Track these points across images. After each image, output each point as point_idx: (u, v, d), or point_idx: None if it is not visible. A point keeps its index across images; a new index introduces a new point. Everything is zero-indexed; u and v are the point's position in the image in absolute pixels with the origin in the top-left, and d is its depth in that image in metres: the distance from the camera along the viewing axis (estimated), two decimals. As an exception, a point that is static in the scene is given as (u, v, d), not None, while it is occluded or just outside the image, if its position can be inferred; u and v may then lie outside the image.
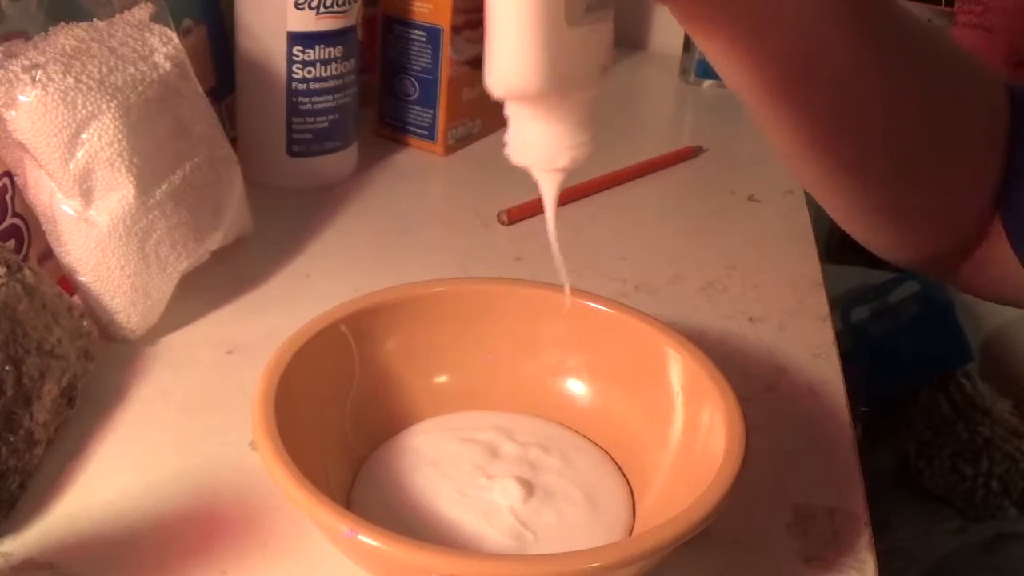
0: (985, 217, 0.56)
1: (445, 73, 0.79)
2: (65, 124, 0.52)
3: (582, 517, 0.44)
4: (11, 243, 0.54)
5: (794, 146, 0.54)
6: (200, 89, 0.61)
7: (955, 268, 0.60)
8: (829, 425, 0.54)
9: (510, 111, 0.35)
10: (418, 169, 0.81)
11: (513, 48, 0.32)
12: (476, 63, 0.37)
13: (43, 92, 0.51)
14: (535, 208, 0.71)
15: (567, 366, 0.50)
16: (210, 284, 0.61)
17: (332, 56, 0.72)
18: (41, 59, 0.52)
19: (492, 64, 0.33)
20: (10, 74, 0.51)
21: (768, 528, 0.47)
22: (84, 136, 0.52)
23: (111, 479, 0.47)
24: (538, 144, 0.35)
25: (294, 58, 0.71)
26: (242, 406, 0.43)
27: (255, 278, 0.63)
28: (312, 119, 0.73)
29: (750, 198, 0.57)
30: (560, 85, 0.33)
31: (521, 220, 0.71)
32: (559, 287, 0.46)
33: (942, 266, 0.60)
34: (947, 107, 0.54)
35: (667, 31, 1.14)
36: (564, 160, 0.35)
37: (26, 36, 0.55)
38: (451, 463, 0.46)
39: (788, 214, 0.77)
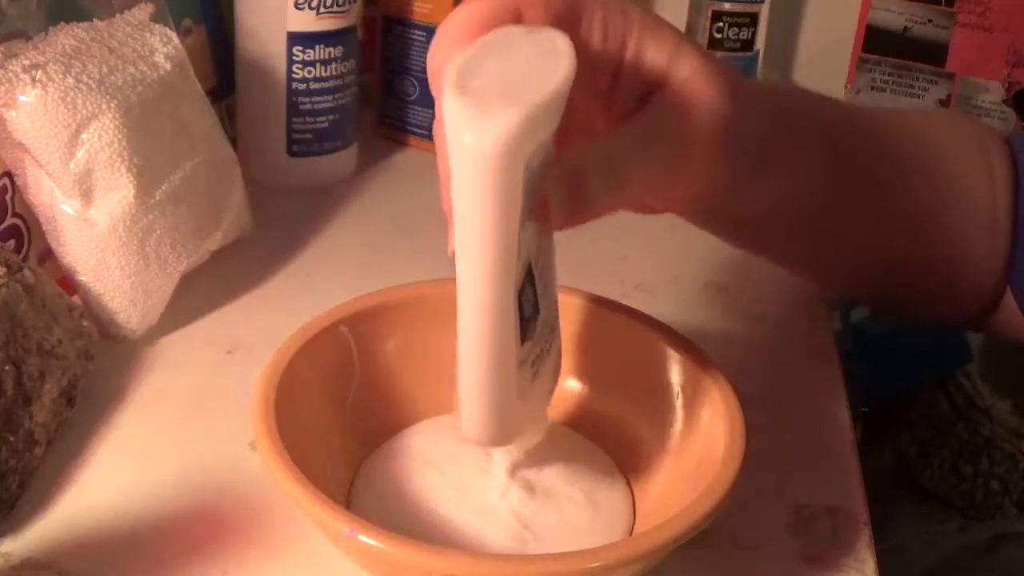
0: (998, 289, 0.56)
1: (445, 73, 0.79)
2: (65, 124, 0.52)
3: (582, 517, 0.44)
4: (11, 243, 0.54)
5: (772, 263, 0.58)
6: (200, 89, 0.61)
7: (974, 325, 0.60)
8: (829, 425, 0.54)
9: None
10: (418, 169, 0.80)
11: (472, 415, 0.40)
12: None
13: (43, 92, 0.51)
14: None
15: (567, 366, 0.50)
16: (210, 284, 0.61)
17: (332, 56, 0.72)
18: (41, 59, 0.52)
19: (459, 415, 0.40)
20: (10, 74, 0.51)
21: (768, 528, 0.47)
22: (84, 136, 0.52)
23: (111, 479, 0.47)
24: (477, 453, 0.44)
25: (294, 58, 0.71)
26: (242, 406, 0.43)
27: (255, 278, 0.63)
28: (312, 119, 0.73)
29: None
30: (508, 440, 0.42)
31: (521, 220, 0.71)
32: (559, 287, 0.46)
33: (960, 325, 0.61)
34: (934, 218, 0.54)
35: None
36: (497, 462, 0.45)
37: (26, 36, 0.55)
38: (451, 463, 0.46)
39: (788, 214, 0.76)
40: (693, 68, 0.41)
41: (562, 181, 0.39)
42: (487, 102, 0.34)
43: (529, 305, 0.40)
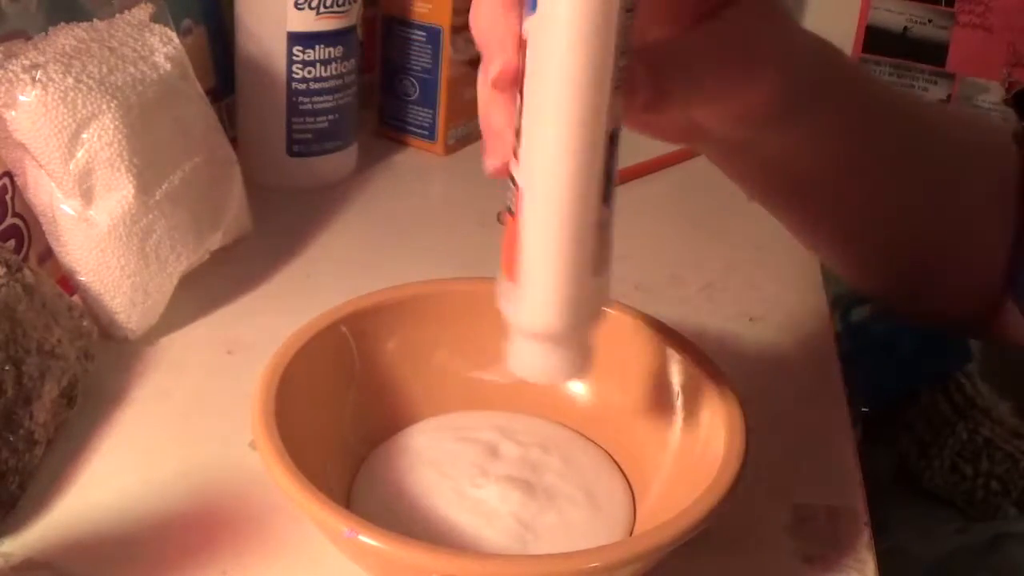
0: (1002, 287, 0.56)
1: (445, 73, 0.79)
2: (65, 124, 0.52)
3: (582, 517, 0.44)
4: (11, 243, 0.54)
5: (788, 229, 0.57)
6: (200, 89, 0.61)
7: (976, 330, 0.60)
8: (829, 425, 0.54)
9: (519, 339, 0.38)
10: (418, 169, 0.80)
11: (547, 295, 0.35)
12: (476, 63, 0.38)
13: (43, 92, 0.51)
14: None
15: (567, 366, 0.50)
16: (210, 284, 0.61)
17: (332, 56, 0.72)
18: (41, 59, 0.52)
19: (523, 302, 0.36)
20: (10, 74, 0.51)
21: (768, 528, 0.47)
22: (84, 136, 0.52)
23: (111, 479, 0.47)
24: (541, 366, 0.38)
25: (294, 58, 0.71)
26: (242, 406, 0.43)
27: (255, 278, 0.63)
28: (312, 119, 0.73)
29: (750, 198, 0.57)
30: (578, 326, 0.37)
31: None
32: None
33: (964, 327, 0.61)
34: (950, 201, 0.54)
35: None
36: (557, 380, 0.40)
37: (26, 36, 0.55)
38: (451, 463, 0.46)
39: (788, 214, 0.76)
40: None
41: (641, 69, 0.38)
42: None
43: (612, 165, 0.36)
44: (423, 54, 0.80)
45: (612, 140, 0.36)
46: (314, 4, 0.70)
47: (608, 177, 0.36)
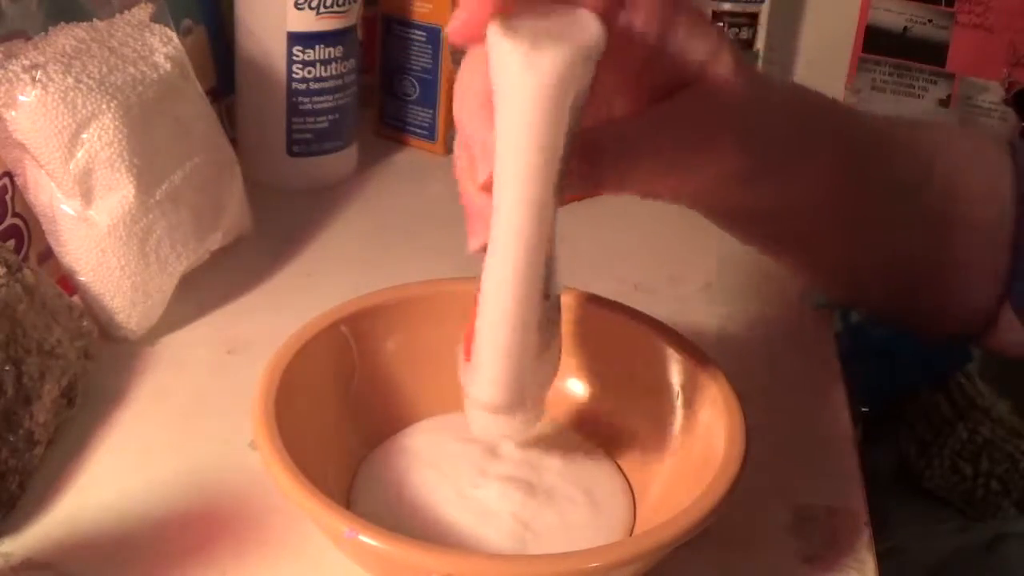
0: (999, 297, 0.56)
1: (445, 73, 0.79)
2: (65, 124, 0.52)
3: (582, 517, 0.44)
4: (11, 243, 0.54)
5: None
6: (200, 89, 0.61)
7: (975, 342, 0.60)
8: (829, 425, 0.54)
9: (470, 408, 0.42)
10: (418, 169, 0.80)
11: (490, 374, 0.40)
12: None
13: (43, 92, 0.51)
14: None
15: (567, 366, 0.50)
16: (210, 284, 0.61)
17: (332, 56, 0.72)
18: (41, 59, 0.52)
19: (473, 380, 0.41)
20: (10, 74, 0.51)
21: (768, 528, 0.47)
22: (84, 136, 0.52)
23: (111, 479, 0.47)
24: (492, 428, 0.43)
25: (294, 58, 0.71)
26: (242, 406, 0.43)
27: (255, 278, 0.63)
28: (312, 119, 0.73)
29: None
30: (520, 400, 0.41)
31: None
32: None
33: (960, 341, 0.61)
34: (941, 226, 0.54)
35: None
36: (507, 438, 0.46)
37: (26, 36, 0.55)
38: (451, 463, 0.46)
39: (788, 214, 0.76)
40: (731, 68, 0.42)
41: (578, 153, 0.39)
42: (536, 41, 0.36)
43: (551, 265, 0.40)
44: (423, 54, 0.80)
45: (551, 245, 0.40)
46: (314, 4, 0.70)
47: (549, 275, 0.40)
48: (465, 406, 0.42)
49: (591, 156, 0.40)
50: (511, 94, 0.36)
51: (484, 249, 0.40)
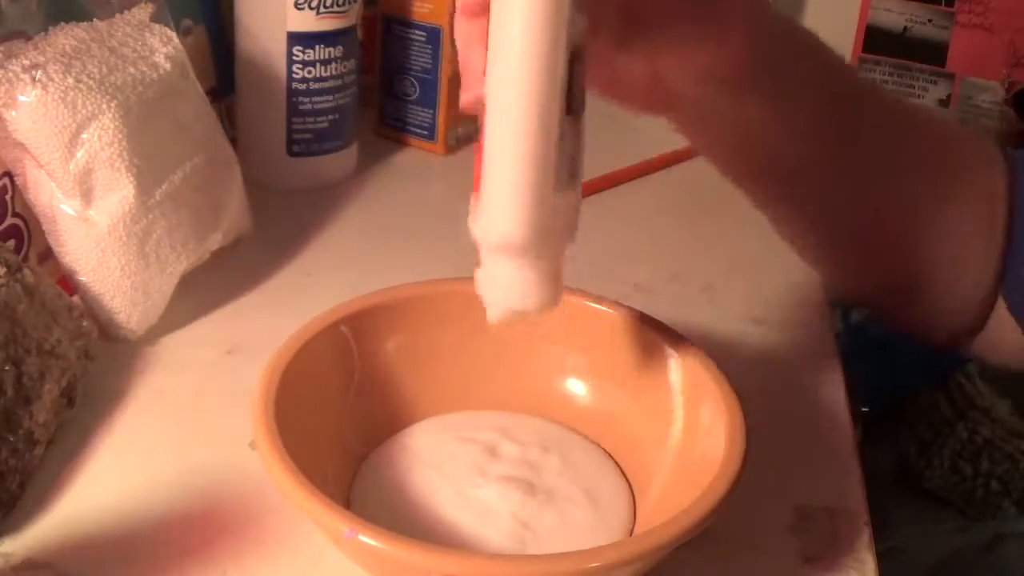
0: (990, 296, 0.56)
1: (445, 73, 0.79)
2: (65, 124, 0.52)
3: (582, 517, 0.44)
4: (11, 243, 0.54)
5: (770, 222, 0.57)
6: (200, 89, 0.61)
7: (966, 344, 0.59)
8: (829, 425, 0.54)
9: (487, 256, 0.38)
10: (418, 169, 0.80)
11: (507, 203, 0.35)
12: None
13: (43, 92, 0.51)
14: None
15: (567, 366, 0.50)
16: (210, 284, 0.61)
17: (332, 56, 0.72)
18: (41, 59, 0.52)
19: (485, 213, 0.36)
20: (10, 74, 0.51)
21: (768, 528, 0.47)
22: (84, 136, 0.52)
23: (111, 479, 0.47)
24: (509, 286, 0.38)
25: (294, 58, 0.71)
26: (242, 406, 0.43)
27: (255, 278, 0.63)
28: (312, 119, 0.73)
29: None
30: (541, 239, 0.36)
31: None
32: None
33: (951, 343, 0.60)
34: (933, 211, 0.54)
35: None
36: (527, 305, 0.39)
37: (26, 36, 0.55)
38: (451, 463, 0.46)
39: (788, 214, 0.76)
40: None
41: (611, 9, 0.39)
42: None
43: (576, 83, 0.36)
44: (423, 54, 0.80)
45: (576, 57, 0.36)
46: (314, 4, 0.70)
47: (571, 92, 0.36)
48: (475, 273, 0.38)
49: (624, 9, 0.40)
50: None
51: (476, 106, 0.36)
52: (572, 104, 0.36)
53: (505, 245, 0.37)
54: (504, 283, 0.38)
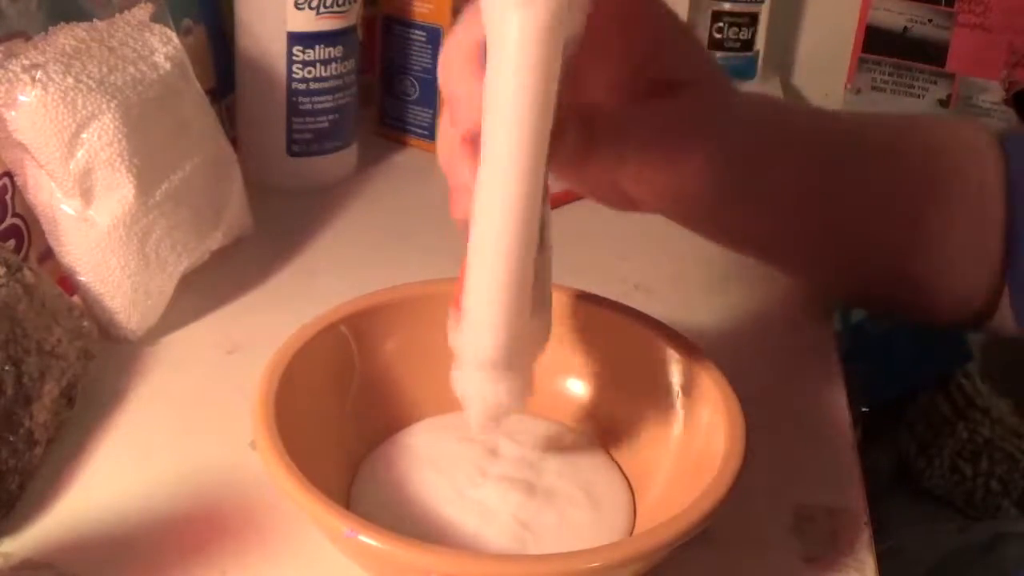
0: (995, 288, 0.56)
1: (445, 73, 0.79)
2: (65, 124, 0.52)
3: (582, 517, 0.44)
4: (11, 243, 0.54)
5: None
6: (200, 89, 0.61)
7: (975, 326, 0.60)
8: (829, 425, 0.54)
9: (465, 368, 0.41)
10: (418, 169, 0.80)
11: (486, 330, 0.39)
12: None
13: (43, 92, 0.51)
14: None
15: (567, 366, 0.50)
16: (210, 284, 0.61)
17: (332, 56, 0.72)
18: (41, 59, 0.52)
19: (465, 333, 0.40)
20: (10, 74, 0.51)
21: (768, 528, 0.47)
22: (84, 136, 0.52)
23: (111, 479, 0.47)
24: (481, 391, 0.42)
25: (294, 58, 0.71)
26: (242, 406, 0.43)
27: (255, 278, 0.63)
28: (312, 119, 0.73)
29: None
30: (516, 357, 0.40)
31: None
32: (558, 287, 0.46)
33: (961, 327, 0.61)
34: (928, 214, 0.54)
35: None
36: (503, 404, 0.42)
37: (26, 36, 0.55)
38: (451, 463, 0.46)
39: (788, 214, 0.76)
40: (713, 78, 0.45)
41: (575, 122, 0.40)
42: None
43: (545, 217, 0.39)
44: (423, 54, 0.80)
45: (544, 194, 0.39)
46: (314, 4, 0.70)
47: (543, 227, 0.39)
48: (453, 374, 0.42)
49: (588, 124, 0.41)
50: (506, 32, 0.36)
51: (464, 222, 0.39)
52: (544, 240, 0.40)
53: (481, 362, 0.40)
54: (477, 390, 0.42)
